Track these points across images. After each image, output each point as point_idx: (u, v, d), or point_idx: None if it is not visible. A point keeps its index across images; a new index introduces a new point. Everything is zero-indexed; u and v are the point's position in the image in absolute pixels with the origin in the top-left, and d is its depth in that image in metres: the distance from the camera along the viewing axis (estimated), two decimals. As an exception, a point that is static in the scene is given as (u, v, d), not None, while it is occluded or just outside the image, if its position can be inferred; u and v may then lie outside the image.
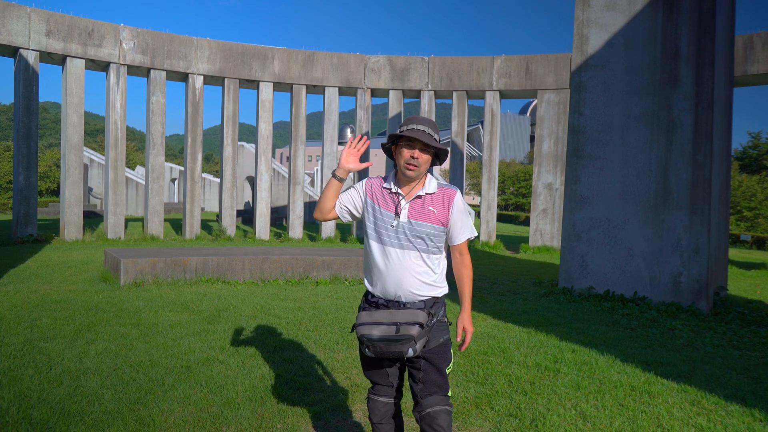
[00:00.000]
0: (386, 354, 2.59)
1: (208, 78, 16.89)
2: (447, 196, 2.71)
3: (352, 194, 2.81)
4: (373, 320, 2.62)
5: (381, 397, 2.80)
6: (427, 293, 2.69)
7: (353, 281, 9.18)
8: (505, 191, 45.01)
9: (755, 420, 3.96)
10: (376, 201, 2.75)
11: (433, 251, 2.70)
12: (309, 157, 61.61)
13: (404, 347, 2.55)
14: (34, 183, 14.44)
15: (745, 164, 40.94)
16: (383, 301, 2.72)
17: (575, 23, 8.97)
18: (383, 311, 2.65)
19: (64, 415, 3.61)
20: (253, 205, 18.67)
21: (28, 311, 6.37)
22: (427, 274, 2.69)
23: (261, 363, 4.79)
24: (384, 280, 2.69)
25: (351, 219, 2.83)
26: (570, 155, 8.95)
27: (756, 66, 14.86)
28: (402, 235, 2.67)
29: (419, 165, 2.64)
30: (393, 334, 2.55)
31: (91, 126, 76.27)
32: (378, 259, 2.71)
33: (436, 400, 2.65)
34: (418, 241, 2.67)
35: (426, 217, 2.68)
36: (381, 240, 2.71)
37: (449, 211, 2.70)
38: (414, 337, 2.54)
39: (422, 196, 2.70)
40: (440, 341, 2.67)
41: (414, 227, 2.66)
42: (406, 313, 2.60)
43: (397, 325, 2.57)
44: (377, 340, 2.57)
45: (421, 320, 2.57)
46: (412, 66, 17.86)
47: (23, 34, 14.04)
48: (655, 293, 8.08)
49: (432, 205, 2.69)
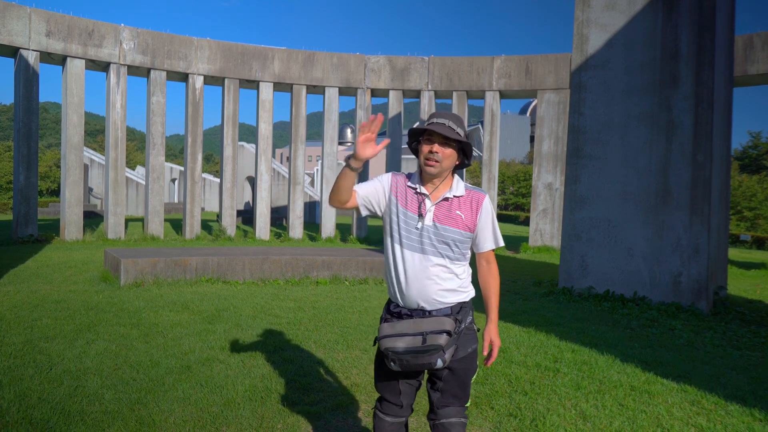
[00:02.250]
0: (413, 367, 2.43)
1: (208, 78, 16.89)
2: (475, 200, 2.53)
3: (377, 188, 2.57)
4: (396, 332, 2.44)
5: (388, 417, 2.63)
6: (453, 299, 2.51)
7: (353, 281, 9.19)
8: (505, 191, 45.01)
9: (755, 420, 3.96)
10: (400, 200, 2.54)
11: (458, 258, 2.52)
12: (309, 157, 61.63)
13: (432, 358, 2.39)
14: (35, 183, 14.44)
15: (745, 164, 40.92)
16: (406, 310, 2.52)
17: (575, 23, 8.97)
18: (407, 321, 2.47)
19: (64, 415, 3.62)
20: (253, 205, 18.67)
21: (29, 311, 6.37)
22: (452, 280, 2.51)
23: (261, 363, 4.79)
24: (406, 286, 2.50)
25: (369, 214, 2.60)
26: (570, 155, 8.95)
27: (756, 66, 14.86)
28: (426, 239, 2.48)
29: (440, 160, 2.45)
30: (419, 345, 2.38)
31: (91, 126, 76.31)
32: (399, 264, 2.53)
33: (452, 411, 2.55)
34: (443, 246, 2.48)
35: (453, 221, 2.49)
36: (401, 243, 2.52)
37: (477, 216, 2.51)
38: (443, 347, 2.38)
39: (449, 199, 2.52)
40: (468, 351, 2.52)
41: (440, 231, 2.48)
42: (432, 322, 2.42)
43: (423, 335, 2.39)
44: (403, 353, 2.40)
45: (448, 328, 2.41)
46: (412, 66, 17.86)
47: (23, 34, 14.04)
48: (655, 293, 8.09)
49: (460, 209, 2.51)
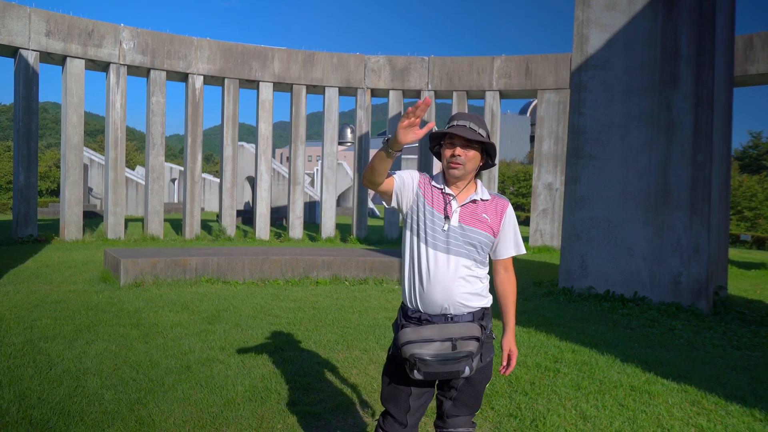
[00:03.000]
0: (440, 375, 2.34)
1: (208, 78, 16.89)
2: (500, 206, 2.52)
3: (410, 181, 2.50)
4: (422, 338, 2.33)
5: None
6: (477, 303, 2.45)
7: (353, 281, 9.18)
8: (505, 191, 45.02)
9: (755, 420, 3.96)
10: (428, 199, 2.48)
11: (481, 261, 2.48)
12: (309, 157, 61.62)
13: (461, 366, 2.32)
14: (34, 183, 14.44)
15: (745, 164, 40.92)
16: (426, 315, 2.42)
17: (575, 23, 8.97)
18: (430, 327, 2.36)
19: (64, 415, 3.61)
20: (253, 205, 18.67)
21: (28, 311, 6.37)
22: (476, 283, 2.46)
23: (261, 363, 4.79)
24: (429, 287, 2.41)
25: (395, 205, 2.50)
26: (570, 155, 8.95)
27: (756, 66, 14.86)
28: (453, 240, 2.43)
29: (463, 162, 2.41)
30: (449, 352, 2.30)
31: (91, 126, 76.29)
32: (423, 264, 2.43)
33: (461, 421, 2.51)
34: (469, 248, 2.44)
35: (480, 223, 2.46)
36: (427, 242, 2.44)
37: (501, 221, 2.51)
38: (473, 353, 2.32)
39: (476, 201, 2.49)
40: (487, 360, 2.48)
41: (466, 233, 2.43)
42: (460, 327, 2.35)
43: (452, 341, 2.31)
44: (431, 360, 2.30)
45: (477, 334, 2.35)
46: (412, 66, 17.86)
47: (23, 34, 14.04)
48: (655, 293, 8.08)
49: (486, 212, 2.48)
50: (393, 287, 8.96)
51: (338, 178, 30.60)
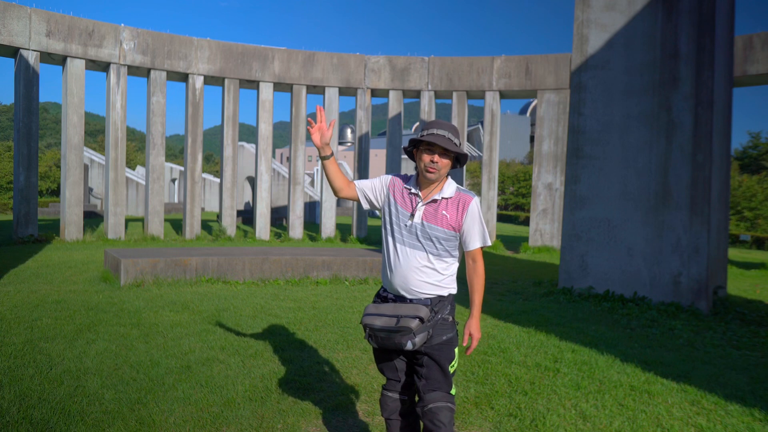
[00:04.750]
0: (386, 345, 2.70)
1: (209, 78, 16.89)
2: (462, 201, 2.76)
3: (374, 183, 2.91)
4: (378, 312, 2.73)
5: (391, 393, 2.88)
6: (432, 292, 2.75)
7: (353, 281, 9.19)
8: (505, 191, 45.00)
9: (755, 420, 3.96)
10: (396, 198, 2.84)
11: (442, 254, 2.76)
12: (309, 157, 61.60)
13: (403, 339, 2.63)
14: (35, 183, 14.44)
15: (745, 164, 40.88)
16: (392, 296, 2.82)
17: (575, 23, 8.98)
18: (389, 305, 2.75)
19: (64, 415, 3.62)
20: (253, 205, 18.67)
21: (29, 311, 6.37)
22: (433, 274, 2.75)
23: (261, 363, 4.79)
24: (393, 275, 2.78)
25: (367, 206, 2.92)
26: (570, 155, 8.96)
27: (756, 66, 14.86)
28: (413, 235, 2.75)
29: (439, 169, 2.71)
30: (393, 326, 2.64)
31: (91, 126, 76.29)
32: (391, 255, 2.80)
33: (438, 396, 2.72)
34: (428, 243, 2.74)
35: (438, 220, 2.74)
36: (394, 236, 2.79)
37: (462, 216, 2.74)
38: (412, 330, 2.62)
39: (438, 200, 2.77)
40: (443, 339, 2.72)
41: (425, 229, 2.73)
42: (409, 307, 2.68)
43: (398, 318, 2.65)
44: (378, 330, 2.68)
45: (422, 315, 2.64)
46: (412, 66, 17.87)
47: (23, 34, 14.05)
48: (654, 293, 8.09)
49: (446, 209, 2.75)
50: (393, 287, 8.96)
51: (338, 178, 30.46)
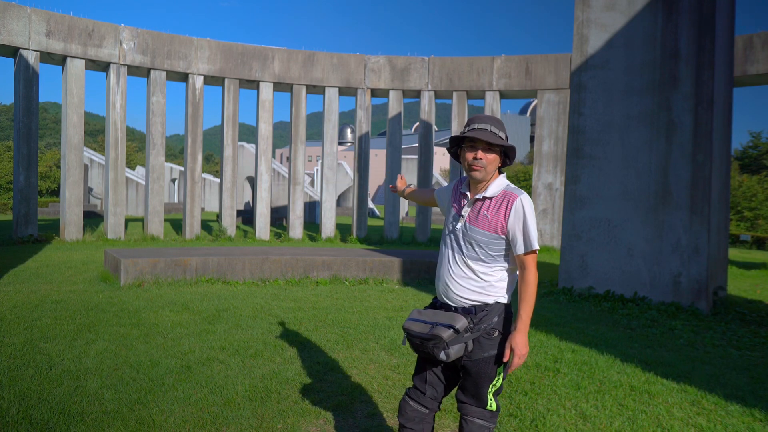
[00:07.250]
0: (421, 352, 2.58)
1: (208, 78, 16.90)
2: (507, 200, 2.49)
3: (446, 187, 2.89)
4: (419, 317, 2.61)
5: (411, 401, 2.70)
6: (474, 299, 2.54)
7: (353, 281, 9.18)
8: (505, 191, 44.93)
9: (755, 420, 3.96)
10: (453, 200, 2.73)
11: (485, 259, 2.53)
12: (309, 157, 61.60)
13: (437, 349, 2.46)
14: (35, 183, 14.44)
15: (745, 164, 40.88)
16: (440, 303, 2.68)
17: (575, 23, 8.97)
18: (430, 311, 2.63)
19: (64, 415, 3.62)
20: (253, 205, 18.67)
21: (29, 311, 6.37)
22: (474, 281, 2.54)
23: (261, 363, 4.79)
24: (438, 281, 2.68)
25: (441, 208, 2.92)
26: (570, 155, 8.95)
27: (756, 66, 14.86)
28: (459, 239, 2.58)
29: (485, 166, 2.50)
30: (426, 333, 2.50)
31: (91, 126, 76.30)
32: (440, 261, 2.71)
33: (471, 410, 2.60)
34: (467, 246, 2.55)
35: (479, 222, 2.52)
36: (444, 241, 2.69)
37: (506, 217, 2.47)
38: (444, 339, 2.43)
39: (481, 200, 2.55)
40: (484, 355, 2.51)
41: (467, 232, 2.55)
42: (447, 316, 2.52)
43: (432, 325, 2.51)
44: (413, 336, 2.56)
45: (457, 325, 2.45)
46: (412, 66, 17.87)
47: (23, 34, 14.04)
48: (654, 293, 8.09)
49: (487, 210, 2.51)
50: (393, 287, 8.96)
51: (338, 178, 30.58)
